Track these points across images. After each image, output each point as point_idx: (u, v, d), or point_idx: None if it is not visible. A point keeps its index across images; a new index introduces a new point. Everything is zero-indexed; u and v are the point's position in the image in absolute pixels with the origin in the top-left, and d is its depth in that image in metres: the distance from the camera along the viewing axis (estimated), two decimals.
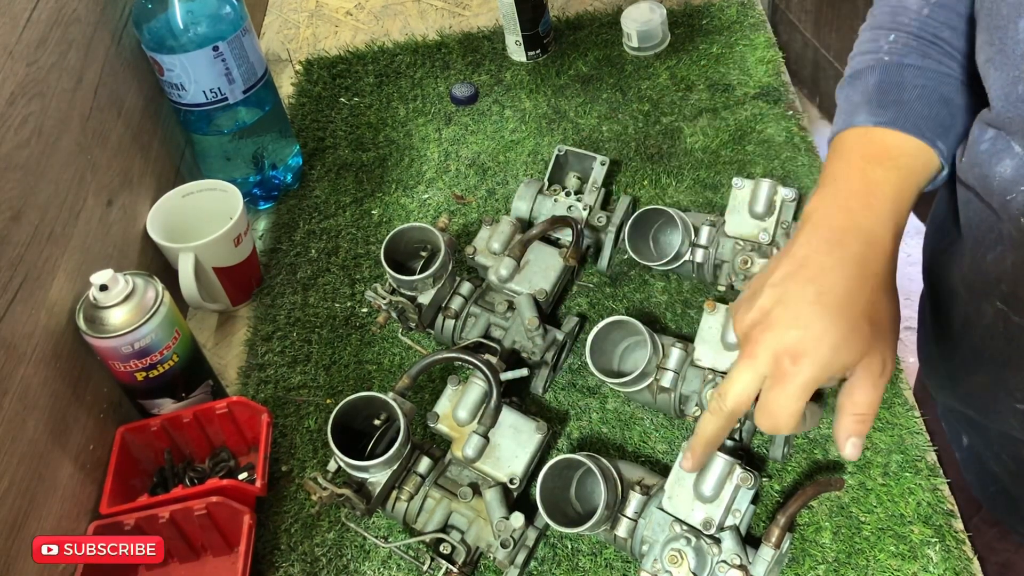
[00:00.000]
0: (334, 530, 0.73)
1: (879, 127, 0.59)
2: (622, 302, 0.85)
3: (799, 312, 0.54)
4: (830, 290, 0.54)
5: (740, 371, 0.56)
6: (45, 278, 0.72)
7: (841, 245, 0.55)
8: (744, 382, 0.56)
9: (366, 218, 0.97)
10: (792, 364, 0.53)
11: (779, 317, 0.54)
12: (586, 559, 0.69)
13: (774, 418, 0.55)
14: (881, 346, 0.55)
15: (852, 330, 0.53)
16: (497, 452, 0.70)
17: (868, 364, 0.55)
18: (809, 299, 0.54)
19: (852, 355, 0.54)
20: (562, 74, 1.09)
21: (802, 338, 0.53)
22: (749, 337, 0.56)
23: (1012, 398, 0.62)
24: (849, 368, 0.55)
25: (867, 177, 0.57)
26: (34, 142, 0.73)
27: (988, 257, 0.58)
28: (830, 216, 0.57)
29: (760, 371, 0.55)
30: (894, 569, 0.65)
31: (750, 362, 0.55)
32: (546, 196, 0.88)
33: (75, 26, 0.82)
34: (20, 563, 0.65)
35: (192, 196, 0.89)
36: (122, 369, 0.73)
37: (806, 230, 0.57)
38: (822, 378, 0.54)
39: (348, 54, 1.18)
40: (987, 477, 0.73)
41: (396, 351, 0.85)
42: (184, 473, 0.77)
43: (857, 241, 0.55)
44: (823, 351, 0.53)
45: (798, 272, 0.55)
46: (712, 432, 0.60)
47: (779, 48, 1.06)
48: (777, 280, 0.56)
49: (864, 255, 0.55)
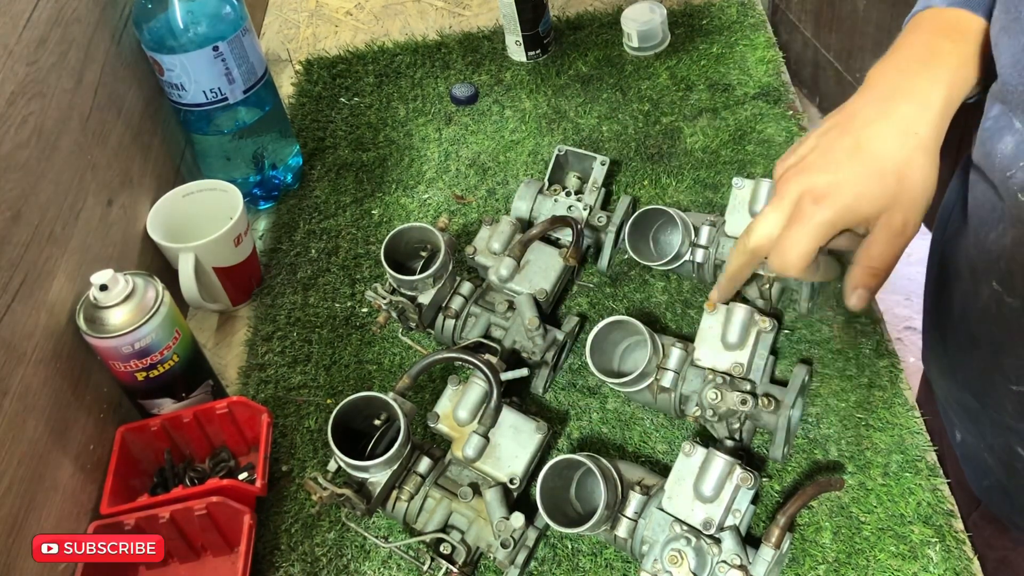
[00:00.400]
0: (334, 530, 0.73)
1: (953, 7, 0.61)
2: (622, 302, 0.85)
3: (832, 159, 0.57)
4: (867, 142, 0.56)
5: (768, 211, 0.59)
6: (45, 278, 0.72)
7: (890, 101, 0.57)
8: (770, 221, 0.59)
9: (366, 218, 0.97)
10: (812, 204, 0.56)
11: (813, 162, 0.58)
12: (586, 559, 0.69)
13: (784, 254, 0.58)
14: (906, 204, 0.56)
15: (878, 182, 0.55)
16: (497, 452, 0.70)
17: (888, 220, 0.56)
18: (846, 148, 0.57)
19: (873, 206, 0.56)
20: (562, 74, 1.09)
21: (828, 182, 0.56)
22: (783, 179, 0.59)
23: (1007, 380, 0.62)
24: (870, 220, 0.57)
25: (932, 46, 0.59)
26: (34, 142, 0.73)
27: (991, 236, 0.58)
28: (886, 76, 0.59)
29: (785, 211, 0.58)
30: (894, 569, 0.65)
31: (777, 202, 0.58)
32: (546, 196, 0.88)
33: (75, 26, 0.82)
34: (20, 563, 0.65)
35: (192, 196, 0.89)
36: (122, 369, 0.73)
37: (863, 88, 0.59)
38: (839, 222, 0.56)
39: (348, 54, 1.18)
40: (981, 471, 0.73)
41: (396, 351, 0.85)
42: (184, 473, 0.77)
43: (907, 100, 0.57)
44: (845, 196, 0.56)
45: (843, 123, 0.58)
46: (737, 268, 0.64)
47: (779, 48, 1.06)
48: (822, 131, 0.59)
49: (910, 114, 0.57)
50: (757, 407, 0.68)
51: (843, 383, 0.75)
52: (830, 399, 0.74)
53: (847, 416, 0.73)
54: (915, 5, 0.65)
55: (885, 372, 0.75)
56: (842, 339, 0.78)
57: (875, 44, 1.94)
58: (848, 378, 0.75)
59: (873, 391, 0.74)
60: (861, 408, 0.73)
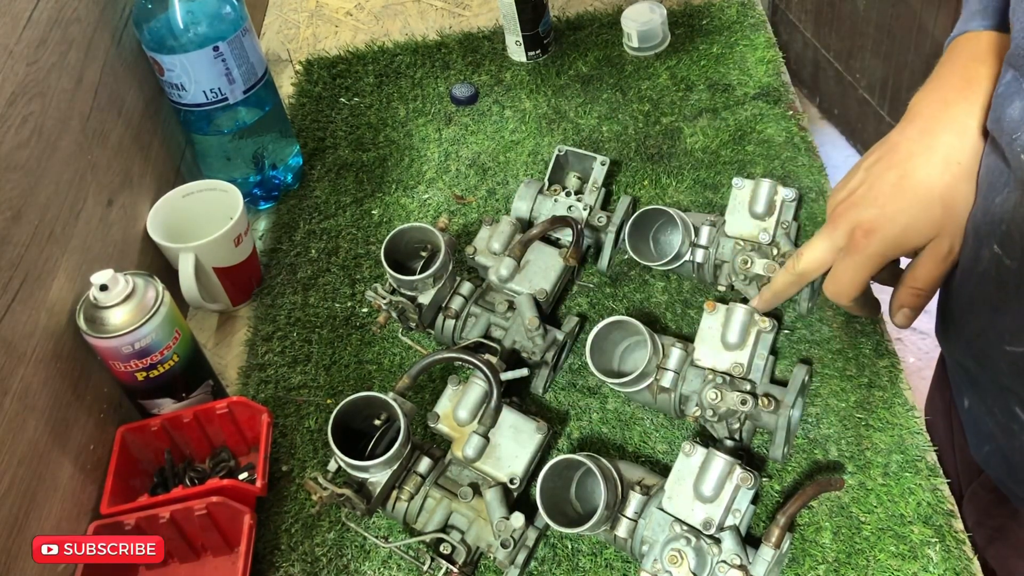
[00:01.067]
0: (334, 530, 0.73)
1: (988, 31, 0.63)
2: (622, 302, 0.85)
3: (879, 193, 0.61)
4: (912, 174, 0.60)
5: (819, 239, 0.65)
6: (45, 278, 0.72)
7: (931, 134, 0.60)
8: (820, 249, 0.65)
9: (366, 218, 0.97)
10: (863, 237, 0.61)
11: (862, 197, 0.62)
12: (586, 559, 0.69)
13: (839, 284, 0.65)
14: (951, 231, 0.61)
15: (925, 212, 0.60)
16: (497, 452, 0.70)
17: (935, 245, 0.61)
18: (892, 182, 0.61)
19: (920, 236, 0.61)
20: (562, 74, 1.09)
21: (878, 216, 0.61)
22: (834, 213, 0.64)
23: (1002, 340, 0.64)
24: (917, 248, 0.62)
25: (968, 73, 0.61)
26: (34, 142, 0.73)
27: (996, 200, 0.60)
28: (927, 107, 0.62)
29: (836, 243, 0.64)
30: (894, 569, 0.65)
31: (829, 233, 0.64)
32: (546, 196, 0.88)
33: (75, 26, 0.82)
34: (20, 563, 0.65)
35: (192, 196, 0.89)
36: (122, 369, 0.73)
37: (905, 119, 0.63)
38: (890, 252, 0.62)
39: (348, 54, 1.18)
40: (982, 436, 0.74)
41: (396, 351, 0.85)
42: (184, 473, 0.77)
43: (947, 131, 0.60)
44: (894, 229, 0.60)
45: (888, 156, 0.62)
46: (782, 286, 0.71)
47: (779, 48, 1.06)
48: (869, 164, 0.63)
49: (951, 144, 0.60)
50: (757, 407, 0.68)
51: (843, 383, 0.75)
52: (830, 399, 0.74)
53: (847, 416, 0.73)
54: (954, 28, 0.67)
55: (885, 372, 0.75)
56: (842, 339, 0.78)
57: (875, 44, 1.94)
58: (848, 378, 0.75)
59: (873, 391, 0.74)
60: (861, 408, 0.73)
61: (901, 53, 1.86)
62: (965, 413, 0.76)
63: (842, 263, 0.64)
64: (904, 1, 1.79)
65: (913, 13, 1.78)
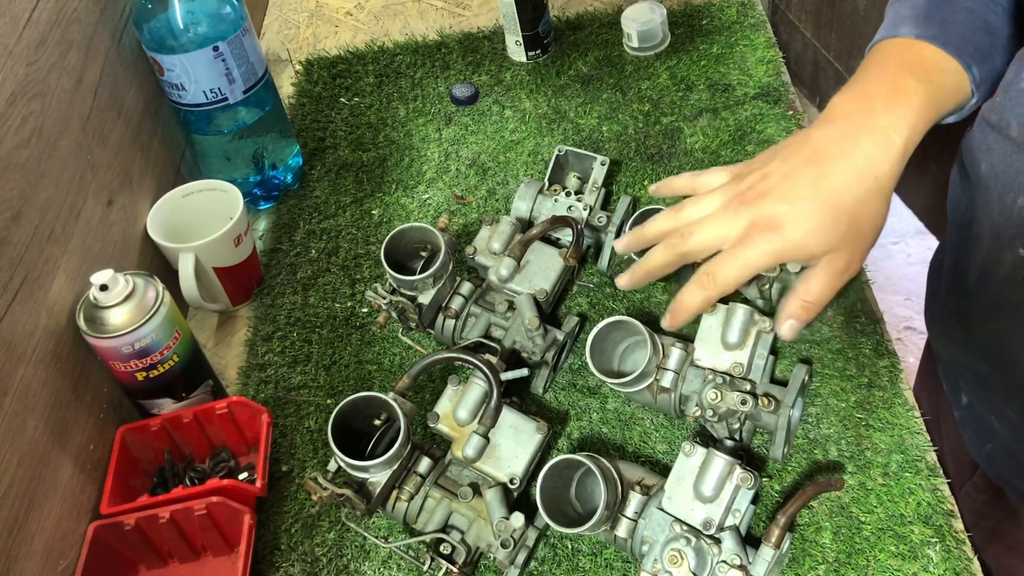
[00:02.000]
0: (334, 530, 0.73)
1: (920, 40, 0.61)
2: (622, 302, 0.85)
3: (793, 188, 0.57)
4: (829, 177, 0.57)
5: (717, 221, 0.59)
6: (45, 278, 0.72)
7: (853, 139, 0.58)
8: (714, 232, 0.59)
9: (366, 218, 0.97)
10: (762, 231, 0.57)
11: (773, 188, 0.58)
12: (586, 559, 0.69)
13: (721, 270, 0.58)
14: (853, 247, 0.58)
15: (832, 222, 0.56)
16: (497, 452, 0.70)
17: (833, 258, 0.58)
18: (809, 180, 0.57)
19: (821, 245, 0.57)
20: (562, 74, 1.09)
21: (786, 213, 0.57)
22: (743, 196, 0.59)
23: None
24: (815, 257, 0.58)
25: (897, 84, 0.59)
26: (34, 142, 0.73)
27: (1018, 201, 0.57)
28: (851, 112, 0.59)
29: (736, 229, 0.58)
30: (894, 569, 0.65)
31: (730, 218, 0.59)
32: (546, 196, 0.88)
33: (75, 26, 0.82)
34: (20, 563, 0.65)
35: (192, 196, 0.89)
36: (122, 369, 0.73)
37: (824, 119, 0.60)
38: (784, 254, 0.57)
39: (348, 54, 1.18)
40: (985, 434, 0.73)
41: (396, 351, 0.85)
42: (184, 473, 0.77)
43: (870, 141, 0.57)
44: (797, 230, 0.56)
45: (809, 155, 0.58)
46: (659, 263, 0.63)
47: (779, 48, 1.06)
48: (787, 155, 0.59)
49: (873, 155, 0.57)
50: (757, 407, 0.68)
51: (843, 383, 0.75)
52: (830, 399, 0.74)
53: (847, 416, 0.73)
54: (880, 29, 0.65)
55: (885, 372, 0.75)
56: (842, 339, 0.78)
57: None
58: (848, 378, 0.75)
59: (873, 391, 0.74)
60: (861, 408, 0.73)
61: None
62: (963, 411, 0.76)
63: (733, 249, 0.58)
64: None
65: None
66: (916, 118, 0.58)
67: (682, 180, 0.68)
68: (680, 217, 0.62)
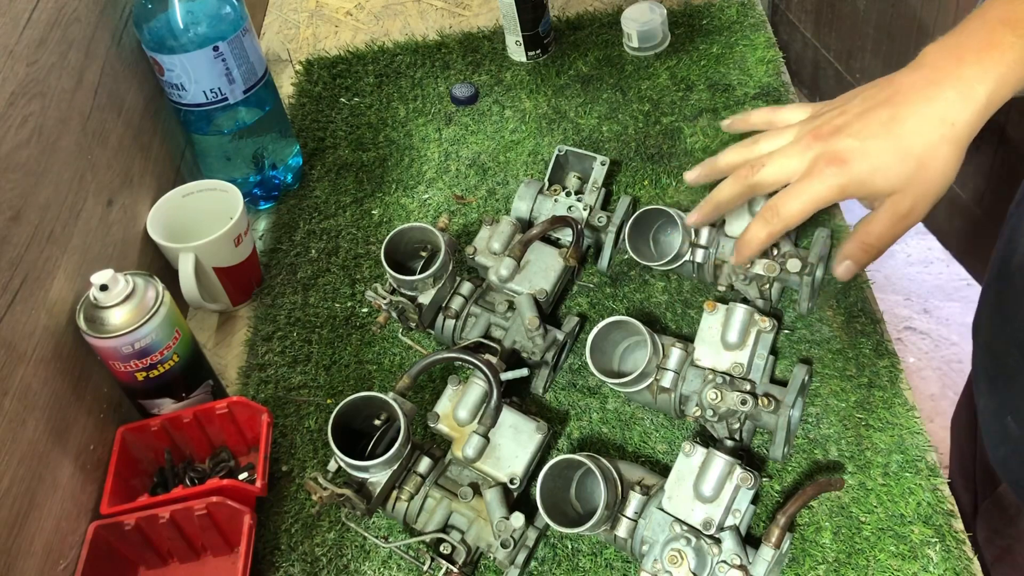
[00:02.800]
0: (334, 530, 0.73)
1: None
2: (622, 302, 0.85)
3: (866, 126, 0.57)
4: (903, 120, 0.56)
5: (788, 154, 0.59)
6: (45, 278, 0.72)
7: (935, 85, 0.57)
8: (784, 165, 0.59)
9: (366, 218, 0.97)
10: (829, 164, 0.57)
11: (847, 124, 0.58)
12: (586, 559, 0.69)
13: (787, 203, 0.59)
14: (918, 191, 0.57)
15: (899, 163, 0.56)
16: (497, 452, 0.70)
17: (897, 200, 0.57)
18: (882, 120, 0.57)
19: (887, 184, 0.57)
20: (562, 74, 1.09)
21: (853, 149, 0.57)
22: (817, 131, 0.59)
23: None
24: (878, 195, 0.58)
25: (993, 37, 0.58)
26: (34, 142, 0.73)
27: None
28: (940, 60, 0.58)
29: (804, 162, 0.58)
30: (894, 569, 0.65)
31: (802, 150, 0.59)
32: (546, 196, 0.88)
33: (75, 26, 0.82)
34: (20, 563, 0.65)
35: (192, 196, 0.89)
36: (122, 369, 0.73)
37: (912, 65, 0.59)
38: (849, 189, 0.57)
39: (348, 54, 1.18)
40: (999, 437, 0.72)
41: (396, 351, 0.85)
42: (184, 473, 0.77)
43: (953, 89, 0.56)
44: (863, 167, 0.56)
45: (888, 96, 0.58)
46: (728, 196, 0.63)
47: (779, 48, 1.06)
48: (866, 95, 0.59)
49: (952, 103, 0.56)
50: (757, 407, 0.68)
51: (843, 383, 0.75)
52: (830, 399, 0.74)
53: (847, 416, 0.73)
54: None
55: (885, 372, 0.75)
56: (842, 339, 0.78)
57: (875, 44, 1.94)
58: (848, 378, 0.75)
59: (873, 391, 0.74)
60: (861, 408, 0.73)
61: (901, 53, 1.86)
62: (983, 414, 0.75)
63: (796, 185, 0.58)
64: (904, 1, 1.79)
65: (913, 13, 1.78)
66: (1006, 72, 0.56)
67: (760, 114, 0.68)
68: (752, 150, 0.63)
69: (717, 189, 0.64)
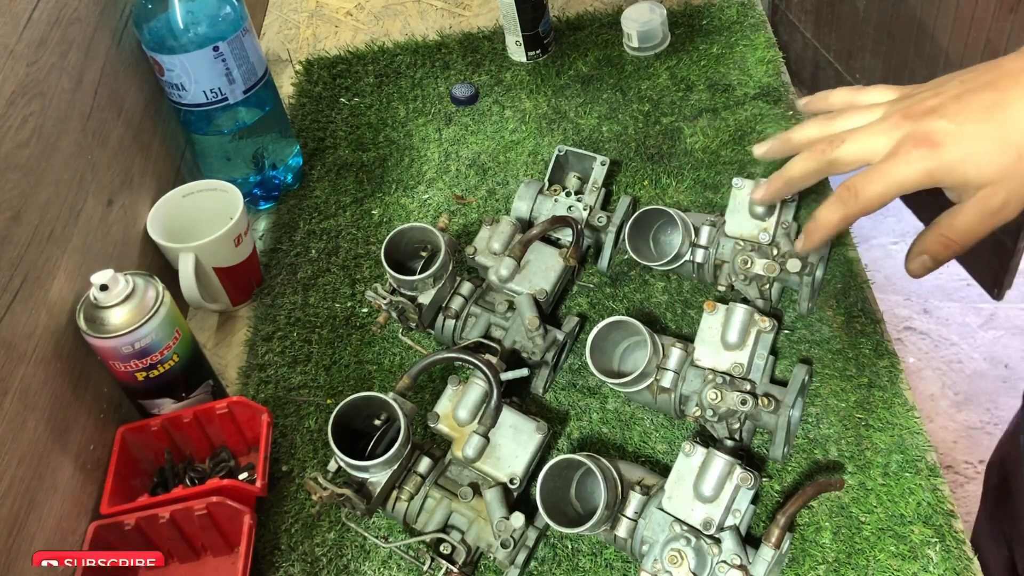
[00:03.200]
0: (334, 530, 0.73)
1: None
2: (622, 302, 0.85)
3: (964, 109, 0.52)
4: (1007, 106, 0.51)
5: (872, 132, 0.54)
6: (45, 278, 0.72)
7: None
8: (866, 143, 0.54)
9: (366, 218, 0.97)
10: (917, 146, 0.52)
11: (943, 106, 0.53)
12: (586, 559, 0.69)
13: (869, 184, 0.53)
14: (1014, 184, 0.51)
15: (997, 151, 0.51)
16: (497, 452, 0.70)
17: (989, 193, 0.52)
18: (983, 103, 0.52)
19: (980, 174, 0.51)
20: (562, 74, 1.09)
21: (947, 131, 0.51)
22: (908, 110, 0.54)
23: None
24: (969, 186, 0.52)
25: None
26: (34, 142, 0.73)
27: None
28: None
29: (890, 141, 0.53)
30: (894, 569, 0.65)
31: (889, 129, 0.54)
32: (546, 196, 0.88)
33: (75, 26, 0.82)
34: (20, 563, 0.65)
35: (192, 196, 0.89)
36: (122, 369, 0.73)
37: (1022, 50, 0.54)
38: (937, 175, 0.52)
39: (348, 54, 1.18)
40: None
41: (396, 351, 0.85)
42: (184, 473, 0.77)
43: None
44: (955, 152, 0.51)
45: (993, 79, 0.53)
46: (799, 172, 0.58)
47: (779, 48, 1.06)
48: (969, 78, 0.54)
49: None
50: (757, 407, 0.68)
51: (843, 383, 0.75)
52: (830, 399, 0.74)
53: (847, 416, 0.73)
54: None
55: (885, 372, 0.75)
56: (842, 339, 0.78)
57: (875, 44, 1.94)
58: (848, 378, 0.75)
59: (873, 391, 0.74)
60: (861, 408, 0.73)
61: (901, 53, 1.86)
62: None
63: (879, 166, 0.53)
64: (904, 1, 1.79)
65: (913, 13, 1.78)
66: None
67: (840, 93, 0.62)
68: (832, 125, 0.58)
69: (789, 164, 0.59)
